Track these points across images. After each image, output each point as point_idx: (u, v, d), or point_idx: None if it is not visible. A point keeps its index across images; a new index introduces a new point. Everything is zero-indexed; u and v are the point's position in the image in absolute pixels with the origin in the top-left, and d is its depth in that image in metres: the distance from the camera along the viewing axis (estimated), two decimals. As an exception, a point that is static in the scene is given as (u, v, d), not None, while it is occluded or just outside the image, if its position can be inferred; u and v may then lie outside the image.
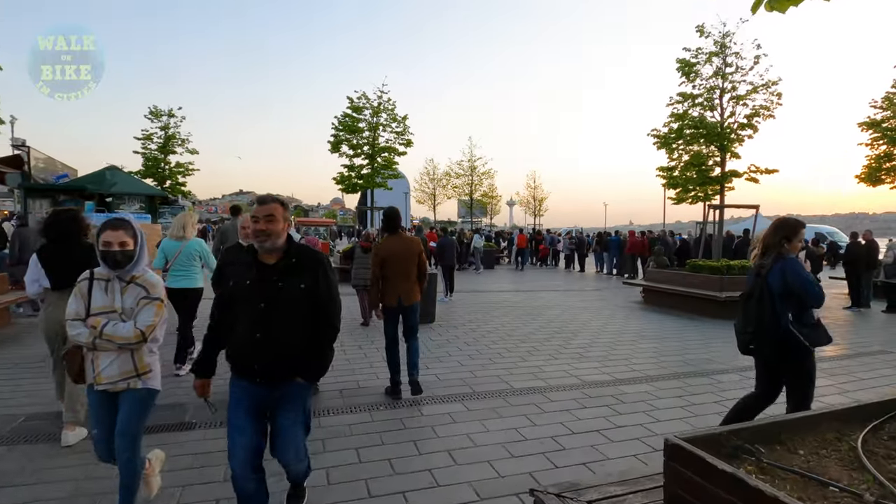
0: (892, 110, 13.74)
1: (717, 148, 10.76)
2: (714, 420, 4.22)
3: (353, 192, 15.28)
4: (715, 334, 7.87)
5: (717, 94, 10.76)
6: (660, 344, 7.14)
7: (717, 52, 10.47)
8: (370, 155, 15.22)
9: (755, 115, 10.52)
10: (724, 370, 5.82)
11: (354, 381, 5.12)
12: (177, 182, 22.33)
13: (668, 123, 11.48)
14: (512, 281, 15.98)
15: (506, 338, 7.28)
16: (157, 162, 22.52)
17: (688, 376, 5.54)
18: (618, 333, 7.79)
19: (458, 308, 10.02)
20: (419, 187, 30.31)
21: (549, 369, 5.67)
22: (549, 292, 13.10)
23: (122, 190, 11.44)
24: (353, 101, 15.08)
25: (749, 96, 10.52)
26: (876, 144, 14.32)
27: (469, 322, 8.45)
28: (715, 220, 11.13)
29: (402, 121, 15.30)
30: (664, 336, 7.70)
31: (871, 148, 14.49)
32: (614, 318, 9.19)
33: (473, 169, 24.50)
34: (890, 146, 13.73)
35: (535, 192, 33.56)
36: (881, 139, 14.12)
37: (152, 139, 22.95)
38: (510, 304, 10.61)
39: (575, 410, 4.40)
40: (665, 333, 7.91)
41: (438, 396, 4.67)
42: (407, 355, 4.75)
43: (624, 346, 6.90)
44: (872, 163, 14.36)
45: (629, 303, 11.35)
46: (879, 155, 14.11)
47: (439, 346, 6.70)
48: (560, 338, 7.36)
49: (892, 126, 13.71)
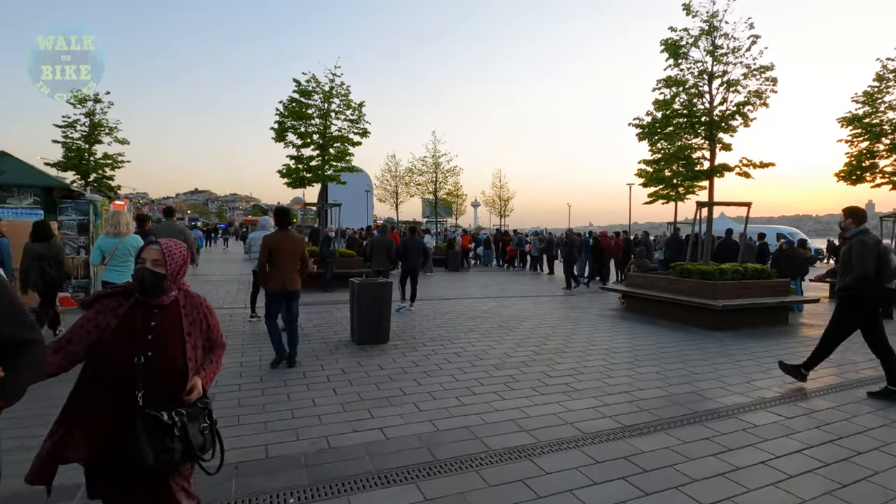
0: (873, 105, 13.20)
1: (706, 139, 9.68)
2: (772, 496, 2.91)
3: (300, 186, 13.55)
4: (717, 350, 6.72)
5: (705, 78, 9.67)
6: (660, 367, 5.89)
7: (707, 32, 9.41)
8: (321, 145, 13.54)
9: (746, 104, 9.50)
10: (749, 405, 4.59)
11: (262, 447, 3.58)
12: (104, 175, 19.90)
13: (652, 112, 10.36)
14: (480, 285, 14.63)
15: (476, 362, 5.87)
16: (80, 152, 20.00)
17: (711, 417, 4.27)
18: (608, 353, 6.52)
19: (418, 321, 8.56)
20: (381, 184, 28.57)
21: (535, 412, 4.28)
22: (519, 298, 11.81)
23: (11, 181, 9.40)
24: (301, 85, 13.37)
25: (741, 82, 9.49)
26: (856, 141, 13.79)
27: (431, 341, 7.00)
28: (699, 218, 10.09)
29: (358, 108, 13.71)
30: (662, 355, 6.48)
31: (850, 145, 13.95)
32: (599, 332, 7.94)
33: (437, 166, 23.05)
34: (872, 142, 13.16)
35: (501, 192, 32.43)
36: (862, 135, 13.58)
37: (76, 127, 20.34)
38: (479, 315, 9.23)
39: (582, 490, 3.02)
40: (662, 351, 6.70)
41: (383, 474, 3.18)
42: (287, 336, 5.65)
43: (620, 372, 5.62)
44: (853, 160, 13.82)
45: (608, 311, 10.19)
46: (861, 152, 13.56)
47: (392, 378, 5.22)
48: (542, 361, 6.01)
49: (874, 122, 13.16)
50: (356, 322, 6.62)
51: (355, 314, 6.63)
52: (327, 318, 8.64)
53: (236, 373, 5.24)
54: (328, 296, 11.40)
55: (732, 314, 8.38)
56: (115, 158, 19.83)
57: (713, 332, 7.97)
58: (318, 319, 8.44)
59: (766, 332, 8.21)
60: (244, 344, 6.54)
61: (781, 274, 9.77)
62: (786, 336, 7.98)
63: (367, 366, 5.62)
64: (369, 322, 6.58)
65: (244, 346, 6.40)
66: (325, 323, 8.17)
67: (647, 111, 10.37)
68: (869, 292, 4.83)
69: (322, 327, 7.80)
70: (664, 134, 9.95)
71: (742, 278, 9.02)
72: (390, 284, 6.82)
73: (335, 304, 10.06)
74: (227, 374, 5.17)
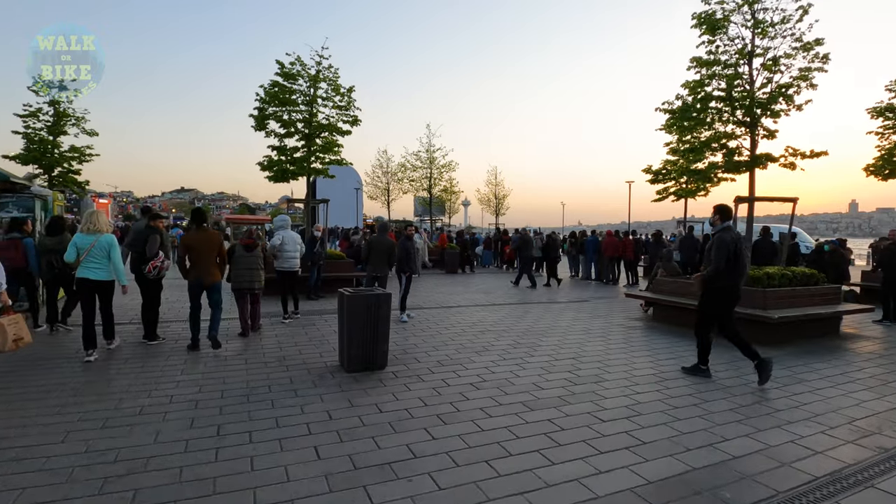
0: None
1: (747, 126, 8.49)
2: None
3: (282, 180, 12.15)
4: (786, 374, 5.50)
5: (744, 57, 8.48)
6: (732, 400, 4.67)
7: (749, 2, 8.21)
8: (307, 135, 12.17)
9: (790, 86, 8.32)
10: (875, 462, 3.37)
11: None
12: (70, 169, 18.33)
13: (682, 96, 9.15)
14: (483, 291, 13.36)
15: (501, 398, 4.59)
16: (43, 144, 18.37)
17: (838, 489, 3.04)
18: (659, 381, 5.28)
19: (418, 336, 7.27)
20: (371, 181, 27.21)
21: (601, 486, 3.01)
22: (530, 306, 10.56)
23: (-62, 171, 7.93)
24: (285, 67, 11.98)
25: (787, 60, 8.31)
26: (888, 134, 12.77)
27: (439, 366, 5.71)
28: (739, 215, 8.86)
29: (348, 93, 12.35)
30: (723, 380, 5.26)
31: (881, 138, 12.93)
32: (635, 350, 6.72)
33: (433, 161, 21.71)
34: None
35: (497, 190, 31.21)
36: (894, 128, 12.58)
37: (38, 116, 18.69)
38: (490, 328, 7.96)
39: None
40: (721, 376, 5.47)
41: None
42: (210, 320, 6.24)
43: (685, 411, 4.38)
44: (885, 153, 12.80)
45: (633, 320, 8.98)
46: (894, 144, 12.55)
47: (395, 426, 3.91)
48: (583, 395, 4.75)
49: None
50: (346, 344, 5.31)
51: (345, 334, 5.31)
52: (312, 333, 7.31)
53: (186, 418, 3.92)
54: (315, 304, 10.07)
55: (783, 327, 7.21)
56: (83, 151, 18.22)
57: (766, 350, 6.79)
58: (302, 336, 7.10)
59: (823, 346, 7.06)
60: (206, 372, 5.20)
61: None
62: (848, 352, 6.82)
63: (361, 406, 4.32)
64: (362, 344, 5.28)
65: (205, 378, 5.06)
66: (310, 340, 6.85)
67: (676, 94, 9.19)
68: (720, 283, 5.36)
69: (305, 346, 6.48)
70: (698, 120, 8.73)
71: (790, 284, 7.86)
72: (388, 297, 5.50)
73: (321, 315, 8.73)
74: (177, 418, 3.85)
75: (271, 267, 8.67)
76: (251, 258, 7.21)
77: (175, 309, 8.96)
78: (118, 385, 4.74)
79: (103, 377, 5.01)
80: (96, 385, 4.74)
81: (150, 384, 4.77)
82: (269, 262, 8.54)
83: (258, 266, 7.26)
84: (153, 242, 6.38)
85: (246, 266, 7.15)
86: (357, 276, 12.43)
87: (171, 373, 5.17)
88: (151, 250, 6.34)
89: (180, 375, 5.09)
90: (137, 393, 4.52)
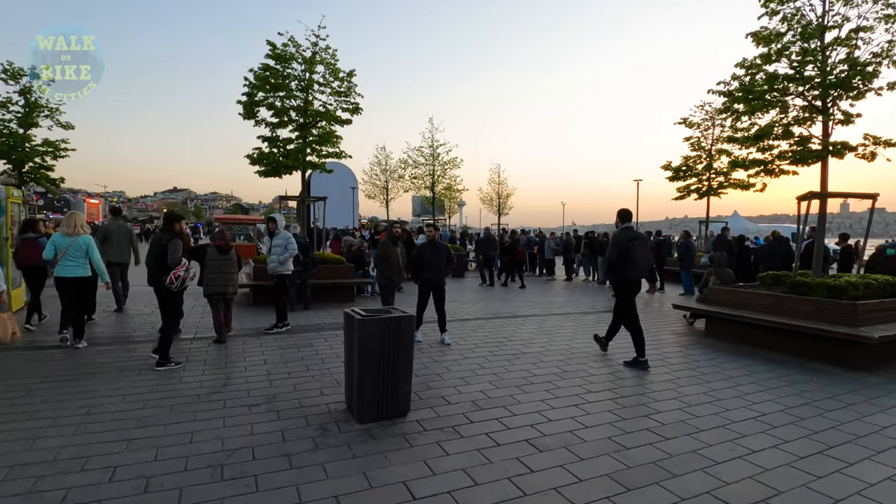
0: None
1: (819, 111, 7.26)
2: None
3: (274, 175, 10.80)
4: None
5: (818, 30, 7.25)
6: (867, 446, 3.42)
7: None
8: (302, 124, 10.84)
9: (869, 64, 7.12)
10: None
11: None
12: (42, 164, 16.92)
13: (738, 77, 7.93)
14: (499, 299, 12.09)
15: (576, 471, 3.31)
16: (13, 137, 16.92)
17: None
18: (771, 431, 4.02)
19: (439, 362, 5.98)
20: (369, 179, 25.84)
21: None
22: (559, 318, 9.28)
23: None
24: (277, 49, 10.66)
25: (865, 33, 7.12)
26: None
27: (477, 410, 4.40)
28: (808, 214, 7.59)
29: (348, 77, 11.04)
30: (828, 421, 4.01)
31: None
32: (709, 378, 5.46)
33: (436, 157, 20.38)
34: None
35: (500, 188, 29.92)
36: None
37: (8, 107, 17.22)
38: (524, 350, 6.66)
39: None
40: (829, 416, 4.22)
41: None
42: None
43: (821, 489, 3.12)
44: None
45: (683, 336, 7.74)
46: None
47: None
48: (686, 462, 3.48)
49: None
50: (356, 384, 4.00)
51: (355, 371, 4.00)
52: (309, 358, 5.98)
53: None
54: (307, 317, 8.71)
55: (877, 349, 5.99)
56: (57, 146, 16.79)
57: (861, 376, 5.57)
58: (296, 364, 5.75)
59: (932, 373, 5.83)
60: (169, 423, 3.87)
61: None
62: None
63: (383, 487, 3.02)
64: (377, 385, 3.98)
65: (167, 433, 3.73)
66: (307, 369, 5.53)
67: (732, 75, 7.95)
68: (613, 277, 6.02)
69: (301, 378, 5.17)
70: (764, 101, 7.48)
71: (878, 296, 6.64)
72: (411, 320, 4.18)
73: (318, 333, 7.42)
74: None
75: (264, 273, 7.71)
76: (225, 261, 6.65)
77: (150, 323, 7.62)
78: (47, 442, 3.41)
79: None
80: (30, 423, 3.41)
81: (91, 441, 3.45)
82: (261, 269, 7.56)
83: (232, 270, 6.66)
84: (175, 249, 5.43)
85: (219, 270, 6.59)
86: (358, 282, 11.12)
87: (126, 422, 3.84)
88: (173, 258, 5.39)
89: (135, 429, 3.77)
90: (66, 464, 3.19)
